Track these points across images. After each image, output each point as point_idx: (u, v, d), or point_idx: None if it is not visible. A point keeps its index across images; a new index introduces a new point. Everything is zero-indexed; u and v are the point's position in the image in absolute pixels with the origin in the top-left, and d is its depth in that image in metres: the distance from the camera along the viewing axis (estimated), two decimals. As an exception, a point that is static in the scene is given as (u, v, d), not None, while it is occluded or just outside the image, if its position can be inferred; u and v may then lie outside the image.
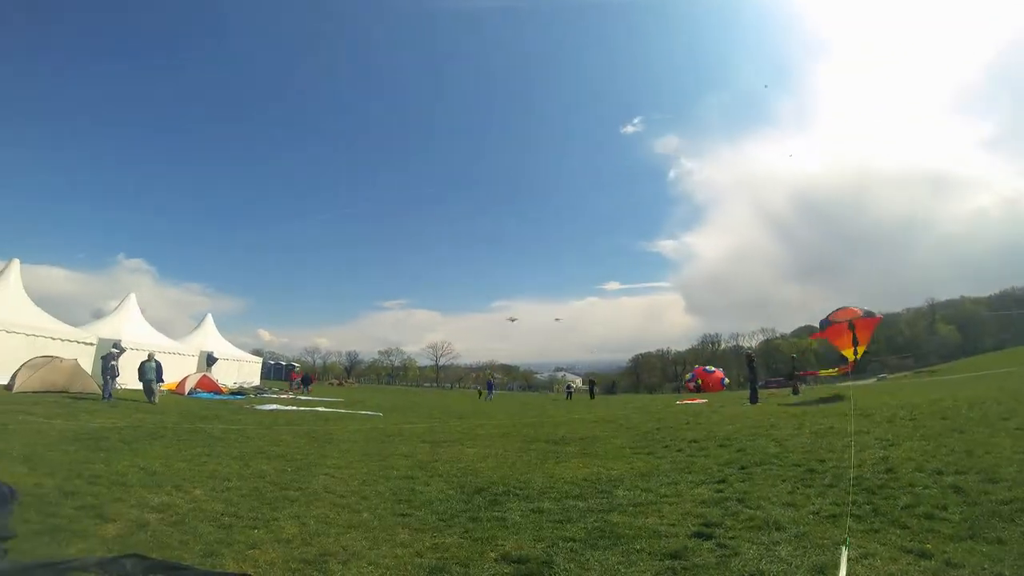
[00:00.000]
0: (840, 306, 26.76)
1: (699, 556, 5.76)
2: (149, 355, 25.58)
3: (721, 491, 8.65)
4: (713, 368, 63.13)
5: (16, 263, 30.54)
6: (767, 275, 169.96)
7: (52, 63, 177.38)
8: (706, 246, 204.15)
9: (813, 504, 7.54)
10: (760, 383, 29.49)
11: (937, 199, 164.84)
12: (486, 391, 61.37)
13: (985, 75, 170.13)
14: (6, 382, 22.98)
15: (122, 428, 14.98)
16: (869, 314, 25.84)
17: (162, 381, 24.91)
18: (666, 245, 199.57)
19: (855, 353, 24.33)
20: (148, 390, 23.92)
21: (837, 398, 24.19)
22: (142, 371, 24.26)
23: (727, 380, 62.88)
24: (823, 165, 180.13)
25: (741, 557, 5.66)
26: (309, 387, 50.38)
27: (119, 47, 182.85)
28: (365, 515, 7.76)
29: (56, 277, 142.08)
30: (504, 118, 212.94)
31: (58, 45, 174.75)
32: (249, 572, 5.40)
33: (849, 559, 5.40)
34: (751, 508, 7.51)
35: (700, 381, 61.85)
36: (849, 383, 25.45)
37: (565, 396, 55.40)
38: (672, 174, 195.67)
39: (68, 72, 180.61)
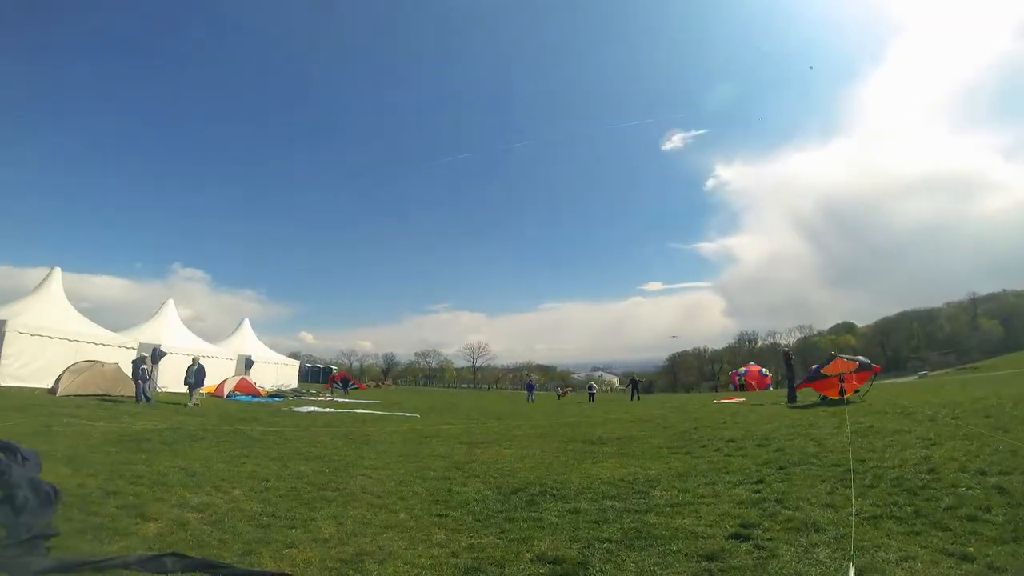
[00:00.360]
0: (833, 358, 26.46)
1: (736, 558, 5.68)
2: (193, 359, 26.03)
3: (759, 491, 8.53)
4: (767, 372, 62.47)
5: (57, 271, 31.39)
6: (804, 279, 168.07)
7: (108, 85, 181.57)
8: (744, 250, 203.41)
9: (851, 505, 7.38)
10: (798, 381, 28.90)
11: (969, 199, 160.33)
12: (527, 392, 59.13)
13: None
14: (50, 386, 23.53)
15: (163, 430, 15.29)
16: (865, 366, 25.42)
17: (201, 384, 25.26)
18: (705, 247, 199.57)
19: (839, 395, 24.05)
20: (190, 393, 24.33)
21: (848, 401, 23.63)
22: (187, 374, 24.75)
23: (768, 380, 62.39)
24: (853, 171, 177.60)
25: (779, 559, 5.56)
26: (347, 390, 50.83)
27: (170, 65, 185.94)
28: (402, 515, 7.82)
29: (114, 286, 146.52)
30: (549, 131, 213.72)
31: (117, 70, 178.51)
32: (287, 571, 5.46)
33: (889, 562, 5.30)
34: (789, 509, 7.38)
35: (744, 381, 61.42)
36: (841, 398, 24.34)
37: (589, 398, 51.30)
38: (709, 184, 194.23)
39: (124, 91, 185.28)
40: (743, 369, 69.85)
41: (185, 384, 24.79)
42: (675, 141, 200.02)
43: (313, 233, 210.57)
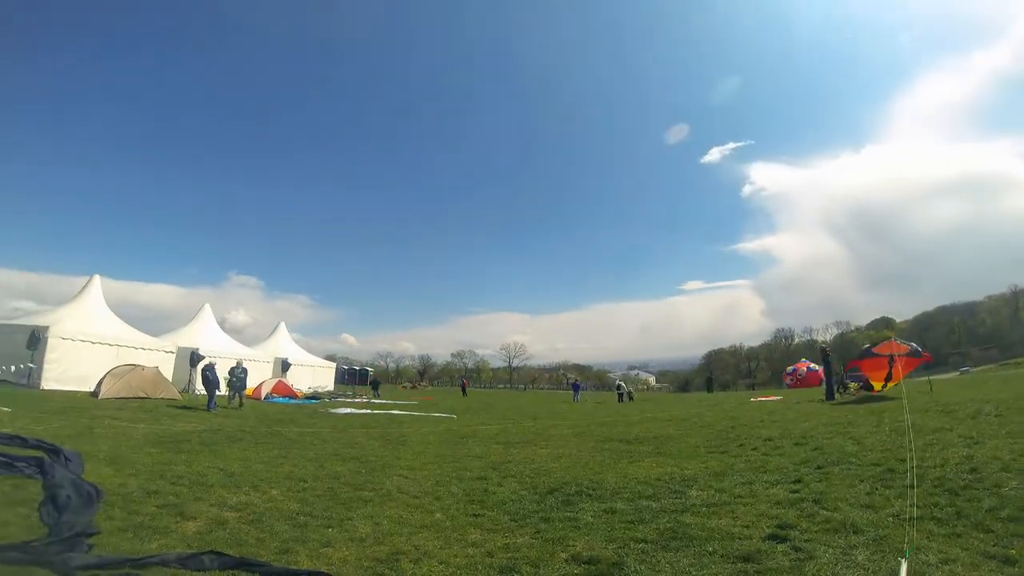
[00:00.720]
0: (888, 339, 25.88)
1: (773, 559, 5.60)
2: (237, 361, 26.54)
3: (797, 491, 8.39)
4: (818, 367, 61.53)
5: (96, 279, 32.30)
6: (839, 280, 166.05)
7: (167, 98, 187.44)
8: (780, 251, 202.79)
9: (892, 506, 7.20)
10: (837, 379, 28.40)
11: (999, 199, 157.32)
12: (573, 392, 55.30)
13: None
14: (93, 389, 24.09)
15: (202, 432, 15.62)
16: (915, 352, 24.88)
17: (244, 386, 25.65)
18: (743, 248, 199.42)
19: (883, 387, 23.64)
20: (231, 395, 24.75)
21: (883, 397, 23.04)
22: (230, 376, 25.18)
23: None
24: (884, 176, 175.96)
25: (816, 561, 5.47)
26: (378, 391, 51.16)
27: (226, 76, 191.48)
28: (438, 515, 7.88)
29: (170, 294, 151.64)
30: (592, 141, 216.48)
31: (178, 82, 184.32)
32: (323, 569, 5.53)
33: (929, 564, 5.20)
34: (828, 510, 7.24)
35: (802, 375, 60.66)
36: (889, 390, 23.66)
37: (617, 399, 47.84)
38: (746, 190, 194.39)
39: (177, 105, 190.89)
40: (792, 368, 68.69)
41: (228, 386, 25.16)
42: (713, 154, 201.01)
43: (361, 238, 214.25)
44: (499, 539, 6.72)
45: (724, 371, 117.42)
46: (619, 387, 50.89)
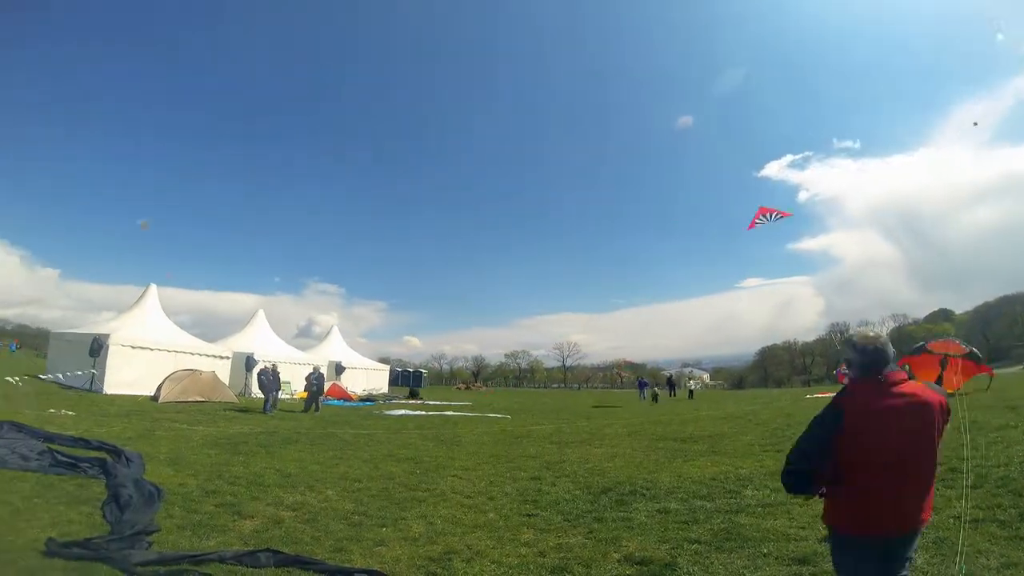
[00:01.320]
0: (946, 336, 24.27)
1: (828, 561, 5.42)
2: (314, 367, 27.28)
3: None
4: None
5: (153, 287, 33.52)
6: (896, 281, 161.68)
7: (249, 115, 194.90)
8: (839, 251, 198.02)
9: (953, 507, 6.97)
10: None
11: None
12: (639, 391, 50.59)
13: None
14: (153, 394, 24.83)
15: (259, 433, 16.01)
16: (975, 358, 22.73)
17: (322, 391, 26.17)
18: (801, 248, 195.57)
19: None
20: (308, 400, 25.24)
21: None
22: (307, 382, 25.73)
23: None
24: (938, 177, 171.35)
25: None
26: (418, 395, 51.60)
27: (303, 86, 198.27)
28: (491, 515, 7.98)
29: (248, 302, 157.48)
30: (664, 149, 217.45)
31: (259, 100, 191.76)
32: (376, 567, 5.65)
33: (990, 568, 5.07)
34: None
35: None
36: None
37: (640, 397, 45.84)
38: (802, 196, 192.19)
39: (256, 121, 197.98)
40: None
41: (306, 391, 25.69)
42: (771, 167, 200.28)
43: (432, 242, 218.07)
44: (552, 539, 6.79)
45: (779, 367, 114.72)
46: (641, 384, 49.54)
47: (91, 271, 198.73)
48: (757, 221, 20.96)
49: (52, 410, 17.04)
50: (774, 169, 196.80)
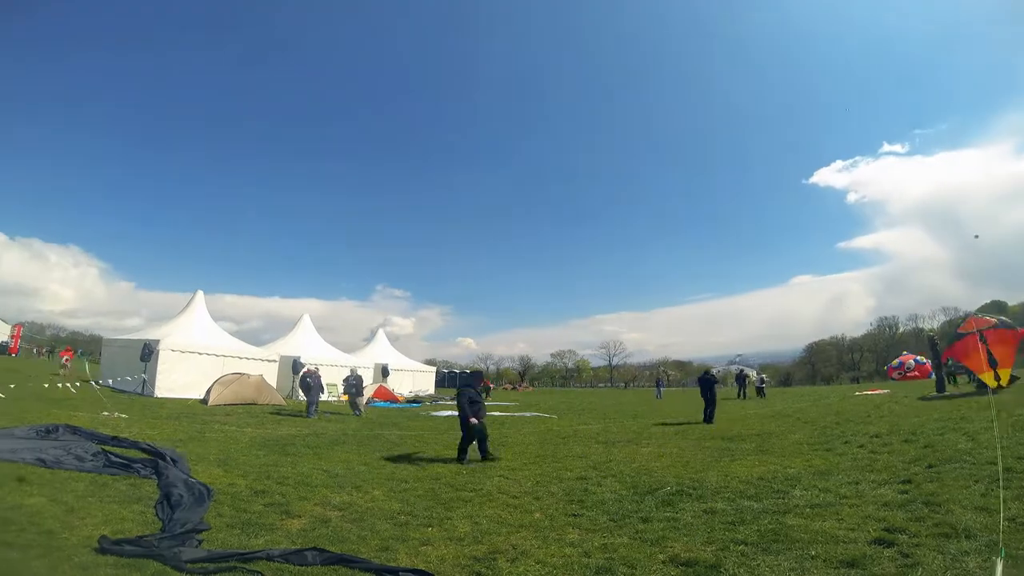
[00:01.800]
0: (970, 314, 23.16)
1: (878, 565, 5.40)
2: (351, 369, 27.68)
3: (906, 492, 8.07)
4: (925, 360, 58.43)
5: (200, 293, 34.56)
6: (944, 278, 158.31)
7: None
8: (890, 249, 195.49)
9: (1009, 509, 6.73)
10: (947, 369, 26.71)
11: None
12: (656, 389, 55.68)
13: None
14: (202, 397, 25.44)
15: (306, 435, 16.36)
16: (1007, 325, 20.92)
17: (361, 393, 26.44)
18: (850, 246, 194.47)
19: (996, 378, 19.12)
20: (352, 403, 25.51)
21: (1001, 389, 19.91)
22: (345, 385, 26.07)
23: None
24: (988, 175, 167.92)
25: (924, 568, 5.24)
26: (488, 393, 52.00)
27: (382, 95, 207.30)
28: (536, 515, 8.03)
29: (313, 307, 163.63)
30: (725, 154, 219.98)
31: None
32: (421, 567, 5.73)
33: None
34: (939, 512, 6.92)
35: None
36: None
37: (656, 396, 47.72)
38: (851, 197, 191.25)
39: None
40: (898, 361, 65.18)
41: (345, 394, 26.07)
42: (822, 174, 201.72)
43: (494, 245, 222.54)
44: (597, 539, 6.79)
45: (826, 364, 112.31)
46: (659, 382, 49.70)
47: (163, 282, 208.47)
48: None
49: (105, 413, 17.57)
50: (824, 175, 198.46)
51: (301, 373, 27.14)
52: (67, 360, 41.44)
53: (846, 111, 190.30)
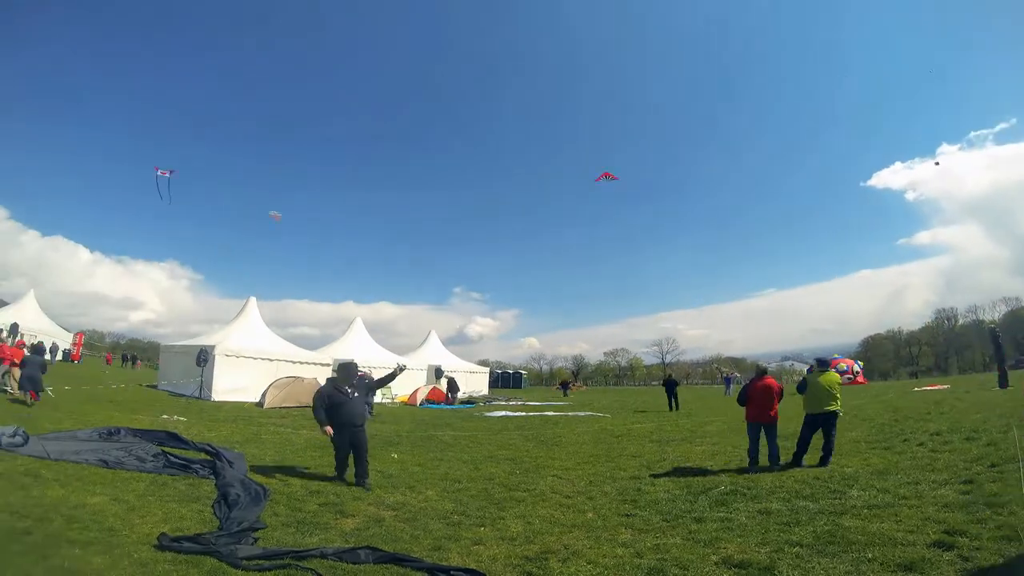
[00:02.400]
0: None
1: (937, 569, 5.29)
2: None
3: (967, 493, 7.82)
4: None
5: (253, 300, 35.41)
6: (1003, 275, 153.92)
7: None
8: (950, 244, 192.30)
9: None
10: (1010, 362, 25.89)
11: None
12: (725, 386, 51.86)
13: None
14: (258, 400, 25.98)
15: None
16: None
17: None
18: (909, 243, 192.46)
19: None
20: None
21: None
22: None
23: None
24: None
25: (984, 573, 5.12)
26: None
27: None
28: (589, 515, 8.10)
29: (387, 311, 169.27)
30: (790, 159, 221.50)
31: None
32: (472, 566, 5.83)
33: None
34: (1001, 514, 6.65)
35: None
36: None
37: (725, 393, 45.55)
38: (910, 196, 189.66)
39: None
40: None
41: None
42: (883, 176, 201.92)
43: (561, 244, 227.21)
44: (650, 540, 6.83)
45: (883, 358, 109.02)
46: (727, 379, 49.37)
47: (235, 289, 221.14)
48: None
49: (165, 416, 18.09)
50: (884, 175, 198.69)
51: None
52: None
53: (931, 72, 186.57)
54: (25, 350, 19.90)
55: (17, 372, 17.65)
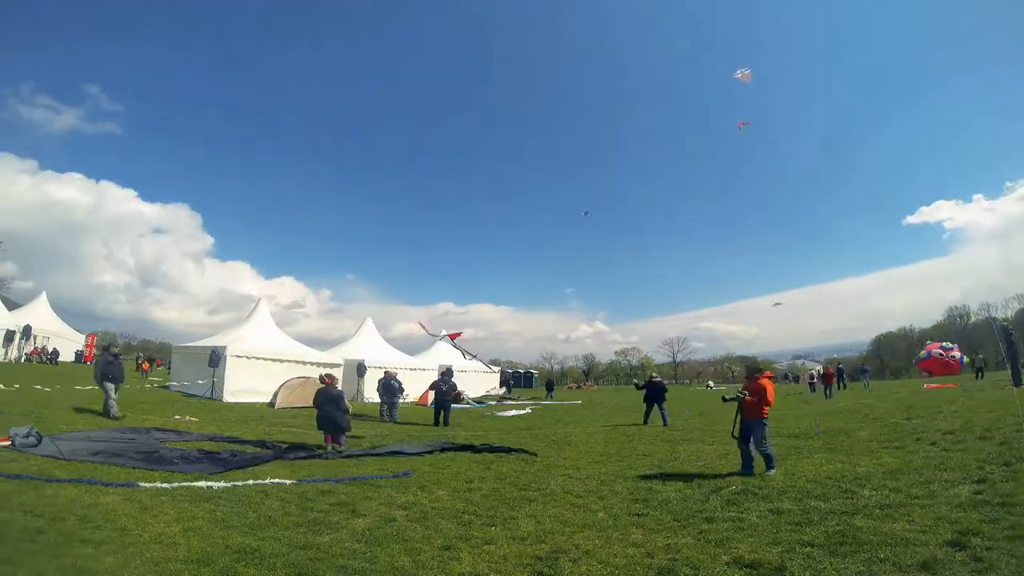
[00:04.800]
0: None
1: (949, 569, 5.28)
2: (394, 372, 27.92)
3: (980, 492, 7.80)
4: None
5: (263, 301, 35.81)
6: None
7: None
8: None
9: None
10: (1023, 360, 25.60)
11: None
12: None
13: None
14: (269, 400, 26.13)
15: (372, 437, 16.83)
16: None
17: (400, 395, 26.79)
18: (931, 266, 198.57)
19: None
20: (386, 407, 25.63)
21: None
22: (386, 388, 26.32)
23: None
24: None
25: (997, 573, 5.11)
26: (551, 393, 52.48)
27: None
28: (600, 515, 8.10)
29: (487, 311, 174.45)
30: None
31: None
32: (483, 566, 5.92)
33: None
34: (1015, 514, 6.64)
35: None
36: None
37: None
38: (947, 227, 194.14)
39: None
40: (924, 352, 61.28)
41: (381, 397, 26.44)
42: (922, 213, 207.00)
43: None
44: (661, 539, 6.84)
45: (895, 356, 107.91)
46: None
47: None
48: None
49: (178, 416, 18.20)
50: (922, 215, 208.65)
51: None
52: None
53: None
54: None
55: None
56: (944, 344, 58.91)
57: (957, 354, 54.91)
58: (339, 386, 29.67)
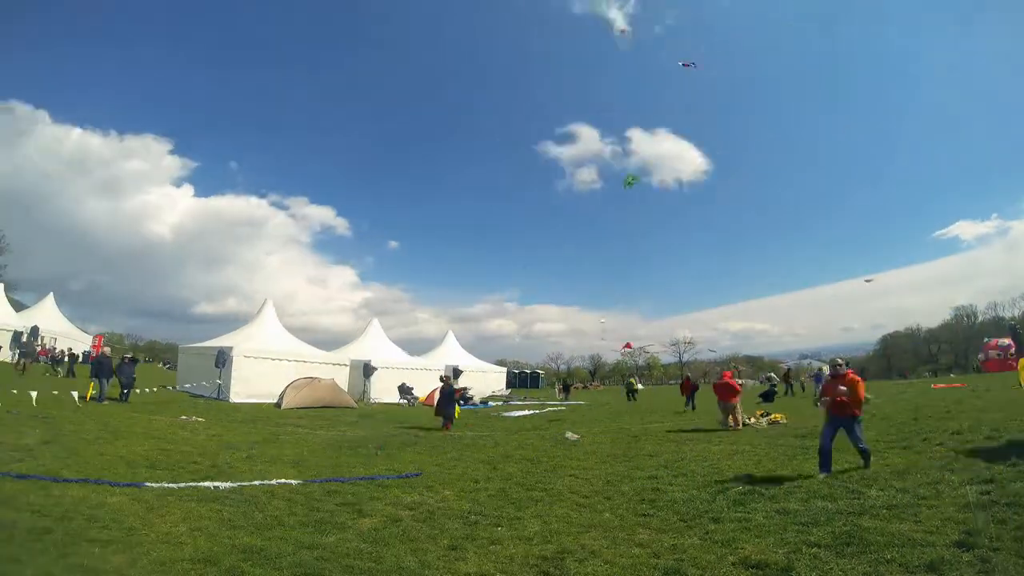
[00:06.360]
0: None
1: (956, 570, 5.23)
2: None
3: (988, 492, 7.69)
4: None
5: (270, 301, 35.83)
6: None
7: None
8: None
9: None
10: None
11: None
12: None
13: None
14: (276, 401, 26.20)
15: (378, 437, 16.78)
16: None
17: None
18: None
19: None
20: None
21: None
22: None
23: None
24: None
25: (1004, 574, 5.06)
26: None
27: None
28: (606, 515, 8.09)
29: (552, 313, 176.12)
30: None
31: None
32: (489, 566, 5.93)
33: None
34: (1022, 515, 6.55)
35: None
36: None
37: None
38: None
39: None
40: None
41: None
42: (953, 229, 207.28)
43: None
44: (667, 540, 6.82)
45: (902, 356, 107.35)
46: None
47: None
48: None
49: (184, 417, 18.20)
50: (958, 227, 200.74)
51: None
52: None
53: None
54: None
55: None
56: (1001, 342, 58.93)
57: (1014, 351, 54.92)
58: (344, 387, 30.20)
